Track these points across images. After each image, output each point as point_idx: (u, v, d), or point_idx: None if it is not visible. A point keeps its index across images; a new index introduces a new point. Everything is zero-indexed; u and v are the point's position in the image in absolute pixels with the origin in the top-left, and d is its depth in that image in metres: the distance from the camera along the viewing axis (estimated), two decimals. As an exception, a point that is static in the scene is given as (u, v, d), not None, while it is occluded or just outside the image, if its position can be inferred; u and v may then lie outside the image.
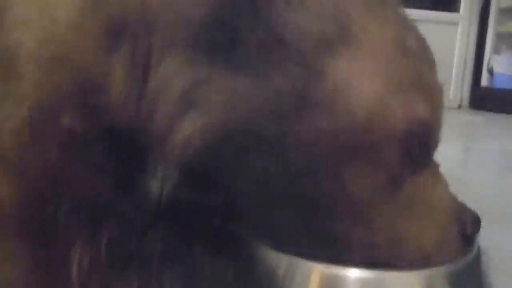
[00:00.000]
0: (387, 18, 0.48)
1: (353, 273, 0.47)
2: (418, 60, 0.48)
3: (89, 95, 0.46)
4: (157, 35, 0.45)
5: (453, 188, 0.85)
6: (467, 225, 0.51)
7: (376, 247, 0.48)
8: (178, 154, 0.43)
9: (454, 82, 4.35)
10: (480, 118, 3.64)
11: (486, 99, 4.18)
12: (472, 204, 0.97)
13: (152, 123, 0.45)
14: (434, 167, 0.52)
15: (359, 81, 0.44)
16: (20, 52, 0.48)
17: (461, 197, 1.02)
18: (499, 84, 4.21)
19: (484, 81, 4.40)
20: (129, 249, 0.44)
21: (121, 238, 0.44)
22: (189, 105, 0.44)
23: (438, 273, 0.48)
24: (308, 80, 0.43)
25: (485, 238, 0.72)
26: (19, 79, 0.48)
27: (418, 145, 0.47)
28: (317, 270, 0.48)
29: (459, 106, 4.38)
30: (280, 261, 0.48)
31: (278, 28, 0.43)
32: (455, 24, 4.30)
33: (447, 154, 1.69)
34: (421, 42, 0.50)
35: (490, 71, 4.34)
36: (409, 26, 0.50)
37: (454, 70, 4.34)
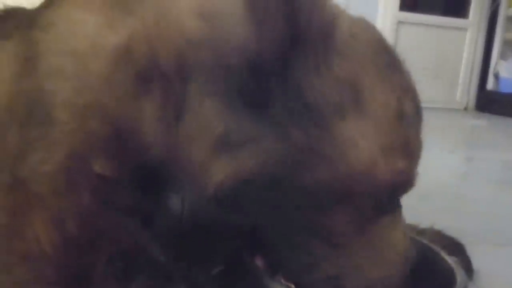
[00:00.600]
0: (393, 85, 0.55)
1: None
2: (409, 123, 0.55)
3: (121, 140, 0.49)
4: (194, 78, 0.48)
5: (450, 202, 0.92)
6: (410, 261, 0.59)
7: (336, 266, 0.56)
8: (209, 193, 0.49)
9: (461, 85, 4.43)
10: (485, 123, 3.64)
11: (491, 102, 4.28)
12: (467, 221, 1.07)
13: (184, 160, 0.49)
14: (398, 210, 0.60)
15: (360, 141, 0.51)
16: (55, 100, 0.51)
17: (456, 213, 1.10)
18: (504, 88, 4.30)
19: (490, 85, 4.48)
20: None
21: (154, 283, 0.48)
22: (223, 149, 0.49)
23: None
24: (320, 138, 0.50)
25: (479, 259, 0.78)
26: (53, 125, 0.50)
27: (392, 197, 0.57)
28: None
29: (465, 108, 4.48)
30: None
31: (305, 92, 0.50)
32: (464, 30, 4.36)
33: (449, 164, 1.76)
34: (415, 103, 0.57)
35: (496, 76, 4.43)
36: (408, 88, 0.57)
37: (461, 74, 4.42)
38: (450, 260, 0.65)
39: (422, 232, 0.82)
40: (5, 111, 0.53)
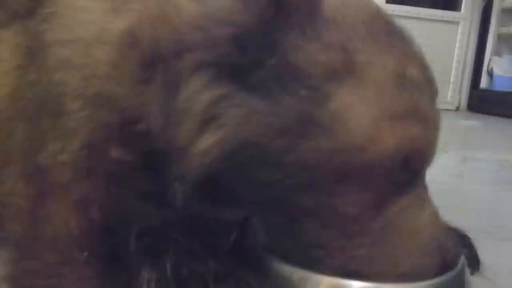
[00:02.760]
0: (391, 48, 0.54)
1: (356, 284, 0.53)
2: (417, 90, 0.53)
3: (130, 125, 0.53)
4: (186, 58, 0.51)
5: (450, 200, 0.86)
6: (448, 252, 0.56)
7: (355, 259, 0.53)
8: (197, 162, 0.50)
9: (453, 83, 4.38)
10: (478, 123, 3.64)
11: (485, 101, 4.22)
12: (469, 217, 0.99)
13: (177, 135, 0.51)
14: (422, 190, 0.57)
15: (359, 107, 0.50)
16: (66, 90, 0.55)
17: (457, 210, 1.00)
18: (499, 86, 4.26)
19: (484, 83, 4.45)
20: (190, 268, 0.51)
21: (182, 259, 0.52)
22: (210, 119, 0.50)
23: (427, 286, 0.53)
24: (313, 102, 0.50)
25: (485, 252, 0.78)
26: (66, 115, 0.55)
27: (406, 169, 0.53)
28: (325, 282, 0.53)
29: (457, 108, 4.42)
30: (292, 274, 0.54)
31: (292, 56, 0.50)
32: (456, 23, 4.32)
33: (444, 164, 1.70)
34: (424, 71, 0.56)
35: (490, 73, 4.39)
36: (413, 55, 0.56)
37: (453, 71, 4.37)
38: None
39: None
40: (10, 104, 0.59)
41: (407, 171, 0.53)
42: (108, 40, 0.55)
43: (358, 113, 0.50)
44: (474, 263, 0.77)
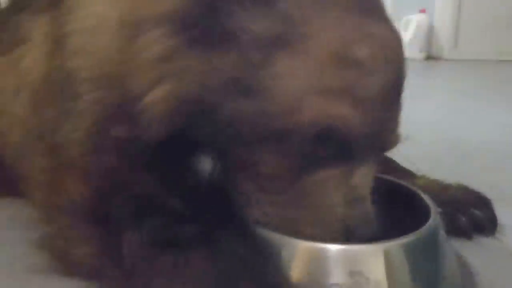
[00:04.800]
0: (341, 25, 0.56)
1: (332, 247, 0.57)
2: (357, 70, 0.55)
3: (131, 104, 0.59)
4: (162, 24, 0.58)
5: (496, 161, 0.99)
6: (352, 229, 0.59)
7: (268, 215, 0.59)
8: (152, 111, 0.58)
9: None
10: None
11: None
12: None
13: (134, 81, 0.59)
14: (351, 169, 0.59)
15: (285, 78, 0.54)
16: (79, 75, 0.65)
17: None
18: None
19: None
20: (166, 233, 0.56)
21: (160, 225, 0.56)
22: (163, 73, 0.57)
23: (395, 245, 0.58)
24: (241, 67, 0.55)
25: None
26: (79, 97, 0.64)
27: (324, 144, 0.56)
28: (301, 246, 0.58)
29: None
30: (271, 237, 0.59)
31: (230, 24, 0.55)
32: None
33: (503, 122, 1.62)
34: (381, 53, 0.56)
35: None
36: (371, 35, 0.56)
37: None
38: (427, 199, 0.68)
39: (446, 187, 0.84)
40: (42, 88, 0.71)
41: (324, 146, 0.56)
42: (108, 29, 0.64)
43: (284, 83, 0.54)
44: (492, 225, 0.81)
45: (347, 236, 0.58)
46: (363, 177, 0.60)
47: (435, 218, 0.62)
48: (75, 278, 0.59)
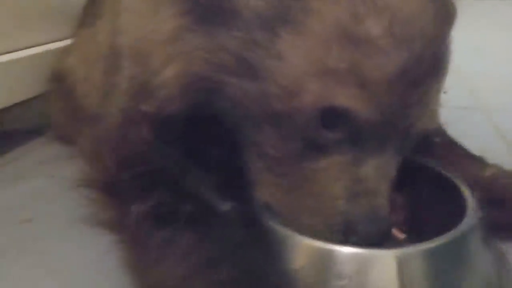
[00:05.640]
0: (352, 1, 0.50)
1: (340, 248, 0.52)
2: (367, 48, 0.50)
3: (151, 81, 0.63)
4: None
5: None
6: (352, 231, 0.54)
7: (272, 195, 0.58)
8: (167, 88, 0.60)
9: None
10: None
11: None
12: None
13: (153, 59, 0.62)
14: (357, 157, 0.55)
15: (288, 57, 0.52)
16: (122, 51, 0.70)
17: None
18: None
19: None
20: (169, 209, 0.57)
21: (166, 200, 0.58)
22: (173, 53, 0.59)
23: (410, 252, 0.52)
24: (246, 45, 0.54)
25: None
26: (120, 73, 0.70)
27: (327, 127, 0.53)
28: (304, 243, 0.54)
29: None
30: (277, 229, 0.56)
31: (236, 2, 0.54)
32: None
33: None
34: (399, 29, 0.50)
35: None
36: (385, 10, 0.50)
37: None
38: (467, 192, 0.61)
39: (485, 166, 0.75)
40: (107, 61, 0.77)
41: (328, 130, 0.53)
42: (141, 7, 0.68)
43: (286, 63, 0.52)
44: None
45: (348, 232, 0.54)
46: (376, 168, 0.55)
47: (468, 222, 0.55)
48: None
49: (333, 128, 0.53)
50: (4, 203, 0.85)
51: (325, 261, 0.52)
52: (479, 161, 0.77)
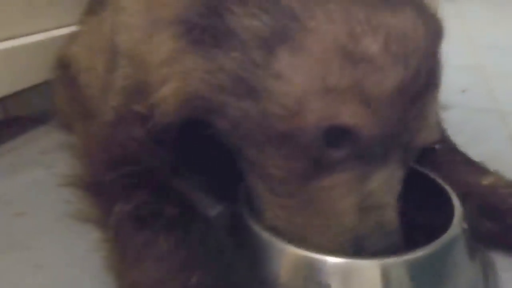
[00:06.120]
0: (347, 17, 0.51)
1: (329, 259, 0.52)
2: (367, 65, 0.50)
3: (147, 91, 0.63)
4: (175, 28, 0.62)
5: None
6: (362, 248, 0.53)
7: (279, 217, 0.57)
8: (164, 105, 0.61)
9: None
10: None
11: None
12: None
13: (150, 75, 0.63)
14: (363, 172, 0.54)
15: (288, 77, 0.51)
16: (120, 49, 0.71)
17: None
18: None
19: None
20: (151, 210, 0.58)
21: (146, 201, 0.59)
22: (170, 73, 0.60)
23: (395, 262, 0.52)
24: (245, 66, 0.53)
25: None
26: (117, 70, 0.71)
27: (332, 145, 0.52)
28: (289, 252, 0.55)
29: None
30: (262, 233, 0.57)
31: (231, 23, 0.54)
32: None
33: None
34: (395, 47, 0.51)
35: None
36: (381, 27, 0.51)
37: None
38: (456, 204, 0.60)
39: (484, 174, 0.74)
40: (108, 55, 0.77)
41: (333, 149, 0.53)
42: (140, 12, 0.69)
43: (285, 83, 0.51)
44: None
45: (357, 247, 0.54)
46: (382, 183, 0.55)
47: (453, 232, 0.55)
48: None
49: (337, 145, 0.53)
50: (1, 194, 0.85)
51: (309, 269, 0.52)
52: (478, 169, 0.76)
